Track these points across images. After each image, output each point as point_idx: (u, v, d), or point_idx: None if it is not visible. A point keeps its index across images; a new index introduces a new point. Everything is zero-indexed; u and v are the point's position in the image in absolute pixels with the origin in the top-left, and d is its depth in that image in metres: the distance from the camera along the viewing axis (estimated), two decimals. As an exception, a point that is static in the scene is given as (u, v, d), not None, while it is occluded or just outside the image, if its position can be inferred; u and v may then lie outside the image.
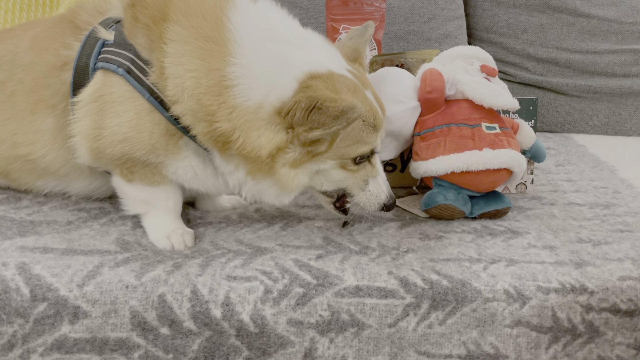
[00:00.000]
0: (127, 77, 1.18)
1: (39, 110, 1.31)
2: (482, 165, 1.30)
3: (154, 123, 1.18)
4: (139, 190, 1.26)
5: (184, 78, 1.13)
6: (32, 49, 1.35)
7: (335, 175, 1.20)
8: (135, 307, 1.07)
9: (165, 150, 1.20)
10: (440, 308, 1.11)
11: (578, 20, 2.30)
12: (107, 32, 1.26)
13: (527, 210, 1.45)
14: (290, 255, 1.19)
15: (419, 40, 2.17)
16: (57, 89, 1.29)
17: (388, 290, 1.11)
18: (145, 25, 1.18)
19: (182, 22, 1.16)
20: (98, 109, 1.20)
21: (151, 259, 1.17)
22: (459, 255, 1.21)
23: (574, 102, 2.32)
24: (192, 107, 1.13)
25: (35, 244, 1.21)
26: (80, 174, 1.36)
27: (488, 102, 1.34)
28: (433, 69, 1.38)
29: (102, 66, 1.22)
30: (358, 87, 1.16)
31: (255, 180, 1.18)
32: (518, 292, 1.12)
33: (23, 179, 1.42)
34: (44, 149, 1.32)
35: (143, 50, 1.19)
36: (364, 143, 1.17)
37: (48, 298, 1.07)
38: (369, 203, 1.23)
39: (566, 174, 1.73)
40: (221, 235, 1.29)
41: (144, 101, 1.18)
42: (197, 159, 1.22)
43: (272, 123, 1.11)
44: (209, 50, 1.13)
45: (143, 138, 1.18)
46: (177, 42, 1.14)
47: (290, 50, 1.15)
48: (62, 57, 1.29)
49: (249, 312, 1.08)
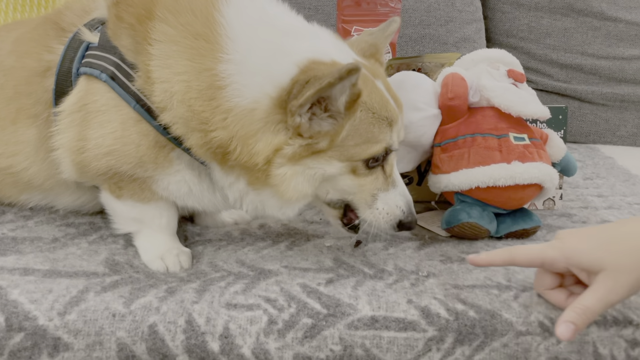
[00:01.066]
0: (111, 84, 1.07)
1: (20, 119, 1.21)
2: (510, 180, 1.18)
3: (141, 134, 1.07)
4: (129, 207, 1.14)
5: (172, 82, 1.01)
6: (14, 52, 1.25)
7: (342, 181, 1.06)
8: (122, 339, 0.96)
9: (155, 163, 1.08)
10: (466, 342, 0.98)
11: (604, 24, 2.19)
12: (92, 34, 1.15)
13: (558, 229, 1.32)
14: (297, 280, 1.07)
15: (435, 44, 2.07)
16: (39, 97, 1.18)
17: (408, 321, 0.98)
18: (130, 25, 1.07)
19: (170, 20, 1.04)
20: (82, 119, 1.09)
21: (142, 282, 1.06)
22: (486, 281, 1.08)
23: (600, 111, 2.21)
24: (183, 114, 1.01)
25: (15, 265, 1.10)
26: (66, 188, 1.26)
27: (517, 111, 1.22)
28: (455, 74, 1.26)
29: (85, 71, 1.11)
30: (366, 77, 1.04)
31: (256, 191, 1.05)
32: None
33: (5, 192, 1.31)
34: (26, 161, 1.22)
35: (128, 53, 1.07)
36: (376, 141, 1.03)
37: (25, 328, 0.96)
38: (378, 222, 1.08)
39: (596, 188, 1.60)
40: (221, 255, 1.17)
41: (130, 110, 1.06)
42: (191, 172, 1.11)
43: (271, 122, 0.99)
44: (199, 49, 1.02)
45: (129, 151, 1.07)
46: (164, 43, 1.03)
47: (289, 40, 1.03)
48: (44, 62, 1.19)
49: (250, 345, 0.96)
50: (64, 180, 1.20)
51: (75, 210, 1.33)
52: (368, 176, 1.06)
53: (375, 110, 1.03)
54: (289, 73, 0.99)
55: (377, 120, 1.03)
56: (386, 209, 1.08)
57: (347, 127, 1.01)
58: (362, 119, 1.02)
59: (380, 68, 1.15)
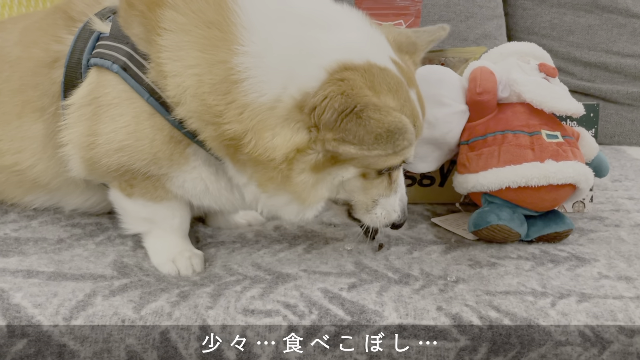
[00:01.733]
0: (123, 75, 1.00)
1: (26, 113, 1.15)
2: (543, 180, 1.11)
3: (155, 128, 1.00)
4: (140, 206, 1.08)
5: (183, 76, 0.95)
6: (21, 42, 1.19)
7: (351, 183, 1.01)
8: (132, 346, 0.90)
9: (170, 160, 1.02)
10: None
11: (630, 21, 2.13)
12: (103, 24, 1.09)
13: (590, 232, 1.25)
14: (318, 284, 1.01)
15: (455, 40, 2.02)
16: (46, 89, 1.12)
17: (438, 330, 0.92)
18: (141, 13, 1.01)
19: (180, 6, 0.98)
20: (92, 113, 1.03)
21: (153, 286, 0.99)
22: (519, 287, 1.01)
23: (625, 111, 2.14)
24: (196, 108, 0.95)
25: (18, 266, 1.04)
26: (75, 188, 1.19)
27: (549, 106, 1.16)
28: (484, 68, 1.20)
29: (96, 62, 1.05)
30: (401, 87, 0.97)
31: (267, 194, 0.99)
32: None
33: (9, 192, 1.25)
34: (32, 158, 1.16)
35: (140, 42, 1.01)
36: (396, 155, 0.97)
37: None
38: (374, 223, 1.07)
39: (625, 190, 1.53)
40: (235, 258, 1.11)
41: (143, 103, 1.00)
42: (208, 169, 1.04)
43: (291, 120, 0.92)
44: (211, 39, 0.95)
45: (143, 146, 1.00)
46: (174, 32, 0.97)
47: (315, 33, 0.95)
48: (52, 53, 1.13)
49: (269, 354, 0.90)
50: (72, 179, 1.14)
51: (84, 211, 1.27)
52: (375, 180, 1.03)
53: None
54: (316, 77, 0.92)
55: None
56: (383, 214, 1.06)
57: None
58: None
59: (413, 71, 1.08)
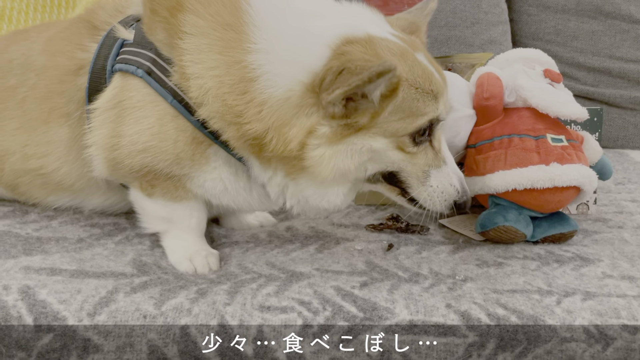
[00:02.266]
0: (148, 79, 1.04)
1: (53, 119, 1.19)
2: (549, 182, 1.14)
3: (179, 130, 1.04)
4: (160, 205, 1.12)
5: (205, 78, 0.99)
6: (46, 51, 1.23)
7: (389, 157, 1.01)
8: (154, 341, 0.93)
9: (192, 160, 1.06)
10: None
11: (633, 27, 2.17)
12: (127, 31, 1.12)
13: (594, 233, 1.29)
14: (331, 282, 1.04)
15: (461, 45, 2.04)
16: (71, 96, 1.16)
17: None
18: (164, 19, 1.04)
19: (199, 10, 1.01)
20: (116, 115, 1.06)
21: (172, 283, 1.03)
22: (526, 285, 1.05)
23: (628, 115, 2.17)
24: (218, 109, 0.99)
25: (41, 264, 1.07)
26: (97, 189, 1.23)
27: (554, 111, 1.19)
28: (491, 73, 1.23)
29: (120, 68, 1.08)
30: (406, 51, 1.00)
31: (295, 181, 1.01)
32: (600, 331, 0.96)
33: (33, 193, 1.29)
34: (58, 162, 1.20)
35: (164, 48, 1.05)
36: (421, 114, 0.99)
37: (54, 328, 0.93)
38: (433, 201, 1.03)
39: (629, 193, 1.56)
40: (250, 257, 1.14)
41: (167, 105, 1.03)
42: (228, 170, 1.08)
43: (304, 106, 0.95)
44: (228, 41, 0.98)
45: (166, 147, 1.04)
46: (195, 36, 1.00)
47: (317, 21, 0.99)
48: (77, 60, 1.17)
49: (285, 349, 0.93)
50: (95, 180, 1.18)
51: (103, 211, 1.31)
52: (416, 151, 1.01)
53: (418, 85, 0.99)
54: (320, 56, 0.95)
55: (421, 95, 0.99)
56: (440, 188, 1.03)
57: (390, 107, 0.97)
58: (405, 96, 0.98)
59: (420, 42, 1.10)
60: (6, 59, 1.27)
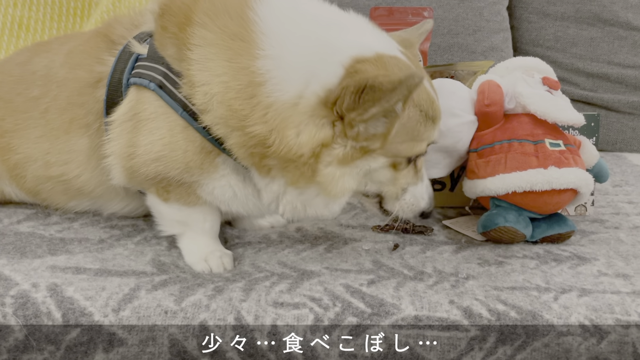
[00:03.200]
0: (159, 92, 1.10)
1: (73, 129, 1.25)
2: (547, 185, 1.20)
3: (188, 140, 1.10)
4: (175, 210, 1.18)
5: (212, 84, 1.04)
6: (66, 64, 1.29)
7: (381, 174, 1.09)
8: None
9: (200, 169, 1.11)
10: (508, 342, 1.00)
11: (630, 34, 2.21)
12: (141, 46, 1.18)
13: (591, 234, 1.34)
14: (340, 280, 1.10)
15: (463, 52, 2.10)
16: (91, 108, 1.22)
17: (450, 321, 1.01)
18: (174, 35, 1.10)
19: (207, 24, 1.07)
20: (132, 127, 1.12)
21: (190, 282, 1.09)
22: (525, 283, 1.10)
23: (626, 119, 2.22)
24: (223, 114, 1.04)
25: (67, 264, 1.13)
26: (115, 195, 1.30)
27: (552, 117, 1.25)
28: (491, 81, 1.29)
29: (135, 81, 1.14)
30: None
31: (299, 190, 1.06)
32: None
33: (54, 199, 1.36)
34: (78, 169, 1.26)
35: (174, 62, 1.11)
36: (421, 139, 1.07)
37: (81, 323, 0.99)
38: (404, 212, 1.15)
39: (626, 195, 1.62)
40: (262, 257, 1.20)
41: (177, 117, 1.09)
42: (236, 177, 1.13)
43: (316, 116, 1.00)
44: (236, 50, 1.04)
45: (176, 156, 1.10)
46: (203, 47, 1.06)
47: (329, 33, 1.04)
48: (95, 74, 1.23)
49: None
50: (113, 187, 1.24)
51: (123, 215, 1.37)
52: (403, 170, 1.10)
53: (422, 108, 1.05)
54: (335, 74, 1.00)
55: (424, 119, 1.06)
56: (412, 201, 1.14)
57: (397, 125, 1.03)
58: (411, 116, 1.04)
59: (417, 61, 1.16)
60: (30, 70, 1.34)
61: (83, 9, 2.03)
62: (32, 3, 1.99)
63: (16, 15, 1.96)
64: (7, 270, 1.09)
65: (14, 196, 1.42)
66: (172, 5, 1.12)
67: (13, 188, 1.40)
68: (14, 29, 1.96)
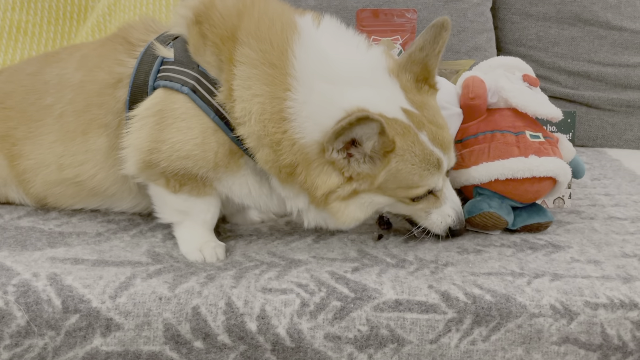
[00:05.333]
0: (193, 96, 1.16)
1: (92, 129, 1.30)
2: (527, 173, 1.27)
3: (219, 143, 1.17)
4: (182, 200, 1.23)
5: (251, 102, 1.12)
6: (82, 68, 1.34)
7: (395, 208, 1.21)
8: (168, 320, 1.05)
9: (226, 168, 1.19)
10: (483, 324, 1.06)
11: (610, 33, 2.27)
12: (166, 50, 1.24)
13: (567, 224, 1.40)
14: (326, 268, 1.16)
15: (448, 52, 2.15)
16: (110, 107, 1.28)
17: (429, 304, 1.07)
18: (214, 44, 1.17)
19: (252, 44, 1.14)
20: (155, 123, 1.18)
21: (184, 270, 1.14)
22: (501, 269, 1.16)
23: (606, 116, 2.28)
24: (258, 132, 1.12)
25: (65, 255, 1.18)
26: (129, 193, 1.35)
27: (532, 110, 1.31)
28: (475, 77, 1.35)
29: (165, 84, 1.20)
30: (408, 131, 1.12)
31: (318, 210, 1.17)
32: (565, 307, 1.07)
33: (63, 202, 1.41)
34: (94, 168, 1.31)
35: (211, 69, 1.17)
36: (417, 186, 1.15)
37: (80, 310, 1.05)
38: (432, 227, 1.24)
39: (603, 187, 1.68)
40: (253, 248, 1.26)
41: (209, 120, 1.16)
42: (254, 178, 1.21)
43: (323, 162, 1.11)
44: (274, 78, 1.12)
45: (208, 156, 1.17)
46: (246, 65, 1.13)
47: (341, 91, 1.11)
48: (115, 75, 1.28)
49: (285, 325, 1.05)
50: (127, 185, 1.30)
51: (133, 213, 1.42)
52: (418, 203, 1.20)
53: (414, 162, 1.12)
54: (335, 118, 1.08)
55: (418, 171, 1.14)
56: (440, 219, 1.23)
57: (383, 173, 1.12)
58: (400, 168, 1.12)
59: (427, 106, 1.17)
60: (42, 80, 1.39)
61: (79, 12, 2.09)
62: (30, 7, 2.04)
63: (14, 18, 2.02)
64: (9, 262, 1.15)
65: (18, 202, 1.46)
66: (212, 16, 1.18)
67: (19, 194, 1.44)
68: (12, 32, 2.01)
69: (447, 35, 1.19)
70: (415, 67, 1.18)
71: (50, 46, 2.04)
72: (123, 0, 2.01)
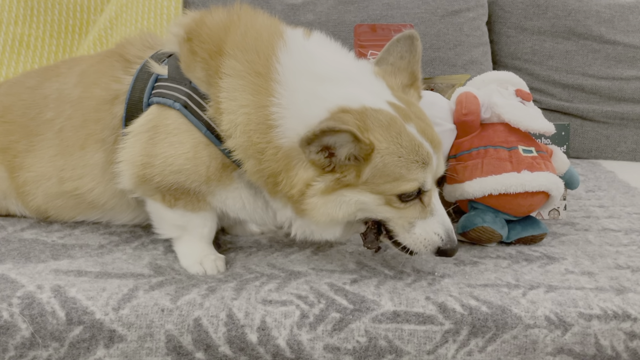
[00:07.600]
0: (184, 112, 1.19)
1: (89, 144, 1.31)
2: (520, 188, 1.29)
3: (211, 156, 1.19)
4: (179, 215, 1.25)
5: (237, 114, 1.13)
6: (80, 84, 1.36)
7: (378, 211, 1.13)
8: (171, 331, 1.06)
9: (218, 181, 1.21)
10: (480, 335, 1.08)
11: (604, 47, 2.30)
12: (160, 67, 1.26)
13: (562, 236, 1.43)
14: (325, 280, 1.18)
15: (444, 66, 2.18)
16: (107, 123, 1.30)
17: (426, 316, 1.09)
18: (203, 60, 1.19)
19: (238, 56, 1.16)
20: (149, 138, 1.20)
21: (185, 282, 1.16)
22: (497, 281, 1.19)
23: (601, 128, 2.31)
24: (243, 143, 1.13)
25: (69, 267, 1.20)
26: (127, 207, 1.36)
27: (525, 125, 1.34)
28: (469, 92, 1.38)
29: (158, 101, 1.22)
30: (394, 121, 1.10)
31: (301, 218, 1.15)
32: (559, 318, 1.09)
33: (64, 215, 1.43)
34: (92, 182, 1.33)
35: (201, 85, 1.19)
36: (406, 180, 1.09)
37: (84, 321, 1.06)
38: (417, 246, 1.14)
39: (597, 199, 1.71)
40: (253, 260, 1.28)
41: (201, 135, 1.18)
42: (248, 191, 1.22)
43: (302, 159, 1.10)
44: (259, 87, 1.13)
45: (200, 170, 1.19)
46: (232, 77, 1.15)
47: (325, 87, 1.12)
48: (112, 91, 1.30)
49: (285, 337, 1.07)
50: (126, 199, 1.32)
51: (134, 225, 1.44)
52: (405, 207, 1.12)
53: (401, 154, 1.08)
54: (319, 117, 1.07)
55: (406, 163, 1.09)
56: (424, 235, 1.13)
57: (368, 170, 1.08)
58: (386, 162, 1.08)
59: (415, 102, 1.20)
60: (41, 95, 1.41)
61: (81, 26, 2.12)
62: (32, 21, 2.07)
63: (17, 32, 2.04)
64: (13, 274, 1.16)
65: (19, 214, 1.48)
66: (201, 33, 1.20)
67: (19, 207, 1.46)
68: (15, 45, 2.04)
69: (420, 45, 1.25)
70: (401, 73, 1.22)
71: (53, 59, 2.07)
72: (124, 14, 2.04)
